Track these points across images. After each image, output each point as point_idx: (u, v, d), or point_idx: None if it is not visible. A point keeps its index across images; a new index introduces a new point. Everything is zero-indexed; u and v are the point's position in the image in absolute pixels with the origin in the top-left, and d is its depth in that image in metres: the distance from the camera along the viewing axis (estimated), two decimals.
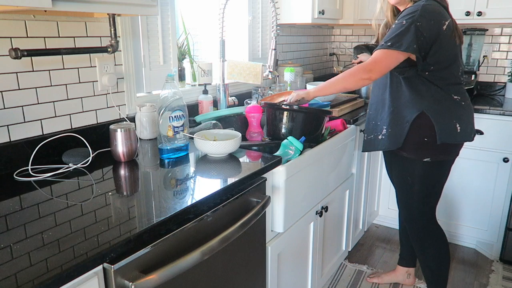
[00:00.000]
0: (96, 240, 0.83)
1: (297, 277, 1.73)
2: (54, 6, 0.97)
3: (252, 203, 1.27)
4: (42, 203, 1.02)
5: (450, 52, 1.61)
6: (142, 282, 0.84)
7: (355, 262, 2.38)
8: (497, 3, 2.38)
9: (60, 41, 1.34)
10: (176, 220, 0.97)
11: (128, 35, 1.58)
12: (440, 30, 1.55)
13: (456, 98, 1.66)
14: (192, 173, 1.28)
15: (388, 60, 1.56)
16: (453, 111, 1.65)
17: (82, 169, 1.27)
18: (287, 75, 2.36)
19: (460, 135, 1.65)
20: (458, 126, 1.64)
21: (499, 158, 2.31)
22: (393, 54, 1.54)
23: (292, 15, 2.40)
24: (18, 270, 0.73)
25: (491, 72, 2.81)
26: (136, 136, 1.37)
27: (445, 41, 1.57)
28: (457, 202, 2.51)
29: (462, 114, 1.66)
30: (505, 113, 2.26)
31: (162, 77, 1.71)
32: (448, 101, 1.64)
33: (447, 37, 1.57)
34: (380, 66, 1.56)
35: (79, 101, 1.45)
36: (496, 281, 2.23)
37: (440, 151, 1.67)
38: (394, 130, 1.71)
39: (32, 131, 1.31)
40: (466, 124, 1.67)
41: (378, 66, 1.56)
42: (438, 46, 1.56)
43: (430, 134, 1.64)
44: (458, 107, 1.66)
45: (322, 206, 1.81)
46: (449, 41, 1.59)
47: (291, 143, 1.52)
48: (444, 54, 1.59)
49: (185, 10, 2.17)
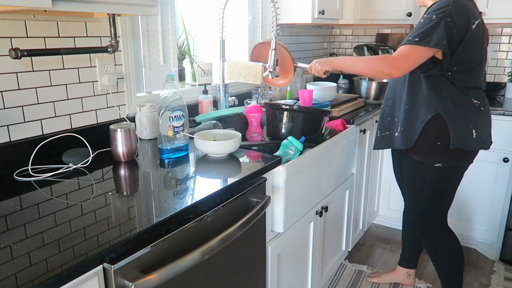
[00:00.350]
0: (96, 240, 0.83)
1: (297, 277, 1.73)
2: (54, 6, 0.97)
3: (252, 203, 1.27)
4: (42, 203, 1.02)
5: (477, 54, 1.54)
6: (142, 282, 0.84)
7: (355, 262, 2.38)
8: (497, 3, 2.38)
9: (60, 41, 1.34)
10: (176, 220, 0.97)
11: (128, 35, 1.58)
12: (469, 29, 1.48)
13: (476, 102, 1.59)
14: (192, 173, 1.28)
15: (415, 56, 1.48)
16: (471, 115, 1.58)
17: (82, 169, 1.27)
18: None
19: (476, 141, 1.58)
20: (474, 132, 1.57)
21: (499, 158, 2.31)
22: (421, 50, 1.47)
23: (292, 15, 2.40)
24: (18, 270, 0.73)
25: (491, 72, 2.81)
26: (136, 136, 1.37)
27: (472, 41, 1.50)
28: (457, 202, 2.51)
29: (479, 120, 1.60)
30: (505, 113, 2.26)
31: (162, 77, 1.72)
32: (467, 105, 1.57)
33: (475, 37, 1.50)
34: (406, 64, 1.49)
35: (79, 101, 1.45)
36: (497, 281, 2.23)
37: (453, 156, 1.61)
38: (407, 129, 1.66)
39: (32, 131, 1.31)
40: (483, 131, 1.60)
41: (405, 64, 1.49)
42: (465, 46, 1.49)
43: (443, 138, 1.58)
44: (477, 112, 1.59)
45: (322, 206, 1.81)
46: (477, 41, 1.52)
47: (291, 143, 1.52)
48: (470, 55, 1.52)
49: (185, 10, 2.17)
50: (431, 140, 1.61)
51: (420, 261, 2.40)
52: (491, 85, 2.81)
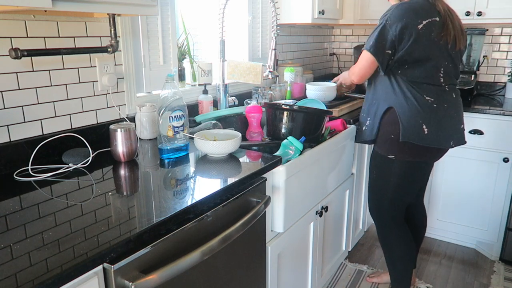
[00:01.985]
0: (96, 240, 0.83)
1: (297, 277, 1.73)
2: (54, 6, 0.97)
3: (252, 203, 1.27)
4: (42, 203, 1.02)
5: (424, 52, 1.59)
6: (142, 282, 0.84)
7: (355, 262, 2.38)
8: (497, 3, 2.38)
9: (60, 41, 1.34)
10: (176, 220, 0.97)
11: (128, 35, 1.58)
12: (411, 29, 1.56)
13: (428, 99, 1.63)
14: (192, 173, 1.28)
15: (363, 61, 1.69)
16: (422, 112, 1.62)
17: (82, 169, 1.27)
18: (287, 75, 2.36)
19: (428, 138, 1.62)
20: (425, 127, 1.62)
21: (499, 158, 2.31)
22: (366, 55, 1.66)
23: (292, 15, 2.40)
24: (18, 270, 0.73)
25: (491, 72, 2.81)
26: (136, 136, 1.37)
27: (419, 39, 1.57)
28: (457, 202, 2.51)
29: (432, 118, 1.63)
30: (505, 113, 2.26)
31: (162, 77, 1.72)
32: (418, 101, 1.62)
33: (423, 36, 1.57)
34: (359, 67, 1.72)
35: (79, 101, 1.45)
36: (497, 281, 2.23)
37: (406, 150, 1.67)
38: (370, 122, 1.78)
39: (32, 131, 1.31)
40: (438, 128, 1.63)
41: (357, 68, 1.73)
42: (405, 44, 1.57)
43: (395, 132, 1.66)
44: (429, 109, 1.63)
45: (322, 206, 1.81)
46: (424, 40, 1.58)
47: (291, 143, 1.52)
48: (415, 53, 1.59)
49: (185, 10, 2.17)
50: (386, 133, 1.71)
51: (420, 261, 2.41)
52: (491, 85, 2.82)
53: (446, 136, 1.65)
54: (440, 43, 1.61)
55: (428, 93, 1.63)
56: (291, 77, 2.36)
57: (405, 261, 1.88)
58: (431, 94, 1.63)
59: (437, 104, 1.63)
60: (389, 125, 1.68)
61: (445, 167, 2.49)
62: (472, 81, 2.64)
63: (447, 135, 1.66)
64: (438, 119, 1.64)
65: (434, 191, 2.55)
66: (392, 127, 1.67)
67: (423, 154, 1.69)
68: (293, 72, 2.35)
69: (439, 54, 1.62)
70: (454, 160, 2.44)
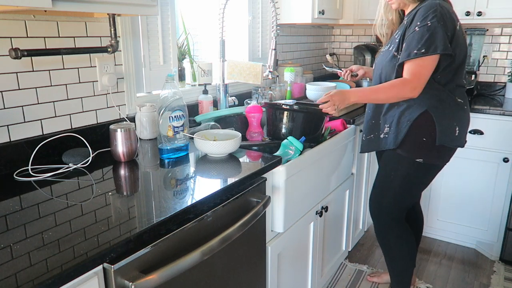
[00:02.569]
0: (96, 240, 0.83)
1: (297, 277, 1.73)
2: (54, 6, 0.97)
3: (252, 203, 1.27)
4: (42, 203, 1.02)
5: (461, 53, 1.58)
6: (142, 282, 0.84)
7: (355, 262, 2.38)
8: (497, 3, 2.38)
9: (60, 41, 1.34)
10: (176, 220, 0.97)
11: (128, 35, 1.58)
12: (455, 30, 1.53)
13: (460, 101, 1.63)
14: (192, 173, 1.28)
15: (427, 69, 1.51)
16: (456, 113, 1.62)
17: (82, 169, 1.27)
18: (287, 75, 2.36)
19: (457, 139, 1.63)
20: (457, 129, 1.62)
21: (499, 158, 2.31)
22: (431, 60, 1.50)
23: (292, 15, 2.40)
24: (18, 270, 0.73)
25: (491, 72, 2.81)
26: (136, 136, 1.37)
27: (458, 42, 1.54)
28: (457, 202, 2.51)
29: (463, 118, 1.65)
30: (505, 113, 2.26)
31: (162, 77, 1.71)
32: (451, 103, 1.61)
33: (459, 38, 1.55)
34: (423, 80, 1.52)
35: (79, 101, 1.45)
36: (497, 281, 2.23)
37: (435, 153, 1.64)
38: (395, 129, 1.67)
39: (32, 131, 1.31)
40: (464, 129, 1.66)
41: (421, 81, 1.52)
42: (454, 46, 1.53)
43: (429, 135, 1.61)
44: (461, 110, 1.64)
45: (322, 206, 1.81)
46: (461, 41, 1.56)
47: (291, 143, 1.52)
48: (457, 55, 1.55)
49: (185, 10, 2.17)
50: (417, 137, 1.63)
51: (420, 261, 2.40)
52: (491, 85, 2.82)
53: (465, 136, 1.68)
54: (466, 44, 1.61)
55: (459, 95, 1.63)
56: (291, 77, 2.36)
57: (406, 261, 1.87)
58: (461, 96, 1.64)
59: (466, 105, 1.66)
60: (421, 129, 1.61)
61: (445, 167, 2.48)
62: (472, 81, 2.64)
63: (465, 134, 1.69)
64: (466, 120, 1.67)
65: (434, 191, 2.55)
66: (425, 130, 1.61)
67: (448, 156, 1.69)
68: (293, 72, 2.35)
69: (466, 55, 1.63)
70: (454, 160, 2.42)
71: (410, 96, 1.55)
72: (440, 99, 1.60)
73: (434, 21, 1.48)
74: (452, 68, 1.58)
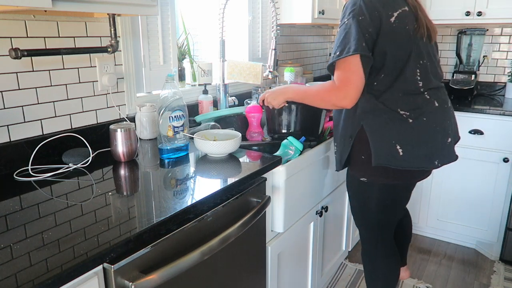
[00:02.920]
0: (96, 240, 0.83)
1: (297, 277, 1.73)
2: (54, 6, 0.97)
3: (252, 203, 1.27)
4: (42, 203, 1.02)
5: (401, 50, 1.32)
6: (142, 282, 0.84)
7: (356, 262, 2.38)
8: (497, 3, 2.38)
9: (60, 41, 1.34)
10: (176, 220, 0.97)
11: (128, 35, 1.58)
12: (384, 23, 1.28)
13: (403, 113, 1.34)
14: (192, 173, 1.28)
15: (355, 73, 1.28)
16: (393, 129, 1.34)
17: (82, 169, 1.27)
18: (287, 75, 2.36)
19: (405, 160, 1.34)
20: (399, 149, 1.34)
21: (499, 158, 2.31)
22: (349, 63, 1.27)
23: (292, 15, 2.40)
24: (18, 270, 0.73)
25: (491, 72, 2.81)
26: (136, 136, 1.37)
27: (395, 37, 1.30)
28: (457, 202, 2.51)
29: (407, 135, 1.34)
30: (505, 113, 2.26)
31: (162, 77, 1.72)
32: (389, 116, 1.34)
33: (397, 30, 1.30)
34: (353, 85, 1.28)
35: (79, 101, 1.45)
36: (497, 281, 2.23)
37: (379, 173, 1.42)
38: (340, 147, 1.51)
39: (32, 131, 1.31)
40: (416, 148, 1.35)
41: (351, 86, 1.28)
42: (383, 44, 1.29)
43: (367, 153, 1.40)
44: (402, 126, 1.34)
45: (322, 206, 1.81)
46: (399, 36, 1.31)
47: (291, 143, 1.52)
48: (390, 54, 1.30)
49: (185, 10, 2.17)
50: (357, 154, 1.45)
51: (420, 261, 2.41)
52: (491, 85, 2.82)
53: (427, 156, 1.37)
54: (417, 37, 1.35)
55: (403, 106, 1.34)
56: (291, 77, 2.35)
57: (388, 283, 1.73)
58: (406, 107, 1.34)
59: (414, 119, 1.34)
60: (359, 146, 1.42)
61: (445, 167, 2.47)
62: (472, 81, 2.65)
63: (428, 154, 1.37)
64: (415, 136, 1.35)
65: (434, 191, 2.55)
66: (362, 147, 1.41)
67: (399, 176, 1.43)
68: (293, 72, 2.35)
69: (415, 53, 1.34)
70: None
71: (343, 105, 1.32)
72: (375, 114, 1.35)
73: (350, 18, 1.27)
74: (389, 71, 1.33)
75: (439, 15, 2.48)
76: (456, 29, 2.81)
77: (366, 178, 1.48)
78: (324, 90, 1.37)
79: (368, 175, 1.46)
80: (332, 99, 1.33)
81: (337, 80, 1.31)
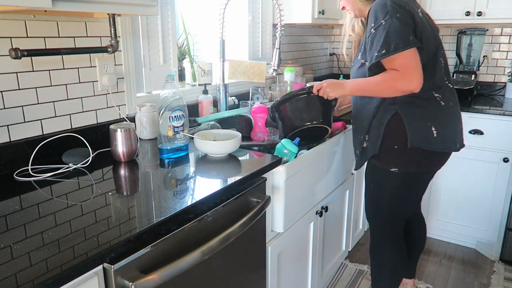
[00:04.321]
0: (96, 240, 0.83)
1: (297, 277, 1.73)
2: (54, 6, 0.97)
3: (252, 203, 1.27)
4: (42, 203, 1.02)
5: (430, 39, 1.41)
6: (142, 282, 0.84)
7: (356, 262, 2.38)
8: (497, 3, 2.38)
9: (60, 41, 1.34)
10: (176, 220, 0.97)
11: (128, 35, 1.58)
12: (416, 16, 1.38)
13: (437, 96, 1.44)
14: (192, 173, 1.28)
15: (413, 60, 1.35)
16: (430, 111, 1.43)
17: (82, 169, 1.27)
18: (287, 75, 2.36)
19: (437, 141, 1.43)
20: (434, 130, 1.42)
21: (499, 158, 2.31)
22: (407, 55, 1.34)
23: (292, 15, 2.40)
24: (18, 270, 0.73)
25: (491, 72, 2.81)
26: (136, 136, 1.37)
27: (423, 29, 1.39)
28: (457, 202, 2.51)
29: (440, 117, 1.44)
30: (505, 113, 2.26)
31: (162, 77, 1.71)
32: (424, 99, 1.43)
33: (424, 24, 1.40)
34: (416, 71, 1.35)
35: (79, 101, 1.45)
36: (497, 281, 2.23)
37: (411, 161, 1.48)
38: (373, 135, 1.54)
39: (32, 131, 1.31)
40: (446, 130, 1.44)
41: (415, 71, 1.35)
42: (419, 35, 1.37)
43: (400, 141, 1.45)
44: (437, 108, 1.44)
45: (322, 206, 1.81)
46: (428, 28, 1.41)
47: (284, 147, 1.48)
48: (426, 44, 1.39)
49: (185, 10, 2.17)
50: (389, 144, 1.49)
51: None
52: (491, 85, 2.82)
53: (452, 138, 1.48)
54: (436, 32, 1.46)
55: (436, 89, 1.44)
56: (291, 77, 2.35)
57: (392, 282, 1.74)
58: (439, 90, 1.44)
59: (444, 102, 1.45)
60: (392, 135, 1.47)
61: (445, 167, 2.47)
62: (472, 81, 2.64)
63: (453, 136, 1.48)
64: (445, 118, 1.46)
65: (434, 191, 2.55)
66: (395, 135, 1.46)
67: (431, 162, 1.51)
68: (293, 72, 2.35)
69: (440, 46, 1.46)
70: (454, 160, 2.44)
71: (411, 89, 1.36)
72: (408, 98, 1.43)
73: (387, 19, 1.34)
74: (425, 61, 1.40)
75: (439, 15, 2.48)
76: (456, 29, 2.81)
77: (398, 168, 1.51)
78: (389, 77, 1.40)
79: (399, 165, 1.50)
80: (399, 84, 1.37)
81: (400, 68, 1.36)
